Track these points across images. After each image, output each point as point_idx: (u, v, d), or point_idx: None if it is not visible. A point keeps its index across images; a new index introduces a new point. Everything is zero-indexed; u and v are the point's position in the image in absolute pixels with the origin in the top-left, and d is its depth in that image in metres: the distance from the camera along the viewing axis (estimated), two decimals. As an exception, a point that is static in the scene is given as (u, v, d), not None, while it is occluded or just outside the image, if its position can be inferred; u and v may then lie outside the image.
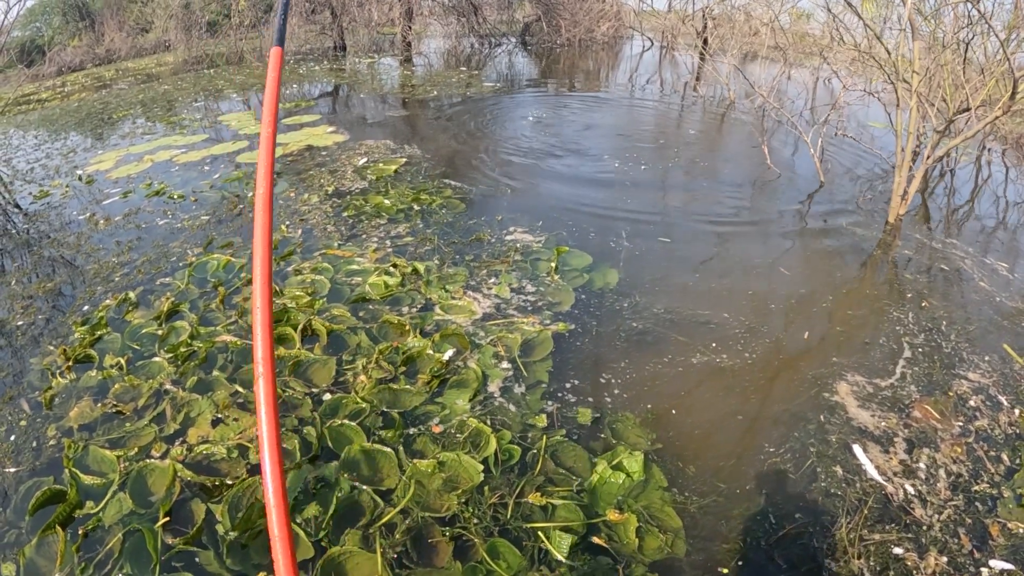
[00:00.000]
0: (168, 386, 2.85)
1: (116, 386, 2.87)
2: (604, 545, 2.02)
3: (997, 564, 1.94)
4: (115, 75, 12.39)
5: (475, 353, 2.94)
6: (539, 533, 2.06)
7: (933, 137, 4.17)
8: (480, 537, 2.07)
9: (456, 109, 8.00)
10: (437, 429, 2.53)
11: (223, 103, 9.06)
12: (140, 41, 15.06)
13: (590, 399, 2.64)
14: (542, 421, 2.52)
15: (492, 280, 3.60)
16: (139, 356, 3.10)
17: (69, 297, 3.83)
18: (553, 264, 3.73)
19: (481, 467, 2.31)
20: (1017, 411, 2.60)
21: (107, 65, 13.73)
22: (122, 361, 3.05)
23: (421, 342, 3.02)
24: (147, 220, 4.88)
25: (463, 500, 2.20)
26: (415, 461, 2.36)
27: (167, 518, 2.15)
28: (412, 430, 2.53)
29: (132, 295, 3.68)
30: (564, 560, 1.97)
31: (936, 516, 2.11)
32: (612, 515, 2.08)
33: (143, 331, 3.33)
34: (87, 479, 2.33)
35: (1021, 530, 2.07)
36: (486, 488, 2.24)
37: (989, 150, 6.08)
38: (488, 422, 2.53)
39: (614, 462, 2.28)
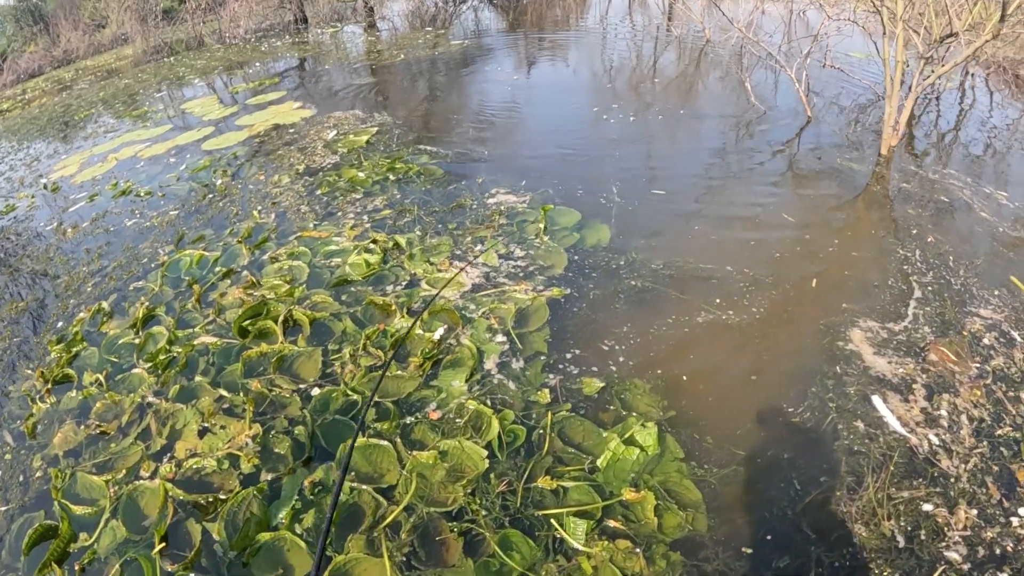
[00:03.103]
0: (150, 398, 2.55)
1: (97, 404, 2.58)
2: (622, 527, 1.75)
3: None
4: (75, 75, 11.21)
5: (467, 328, 2.59)
6: (552, 520, 1.77)
7: (920, 64, 3.68)
8: (490, 530, 1.80)
9: (424, 70, 7.27)
10: (435, 415, 2.20)
11: (186, 90, 8.20)
12: (97, 38, 13.61)
13: (594, 368, 2.31)
14: (545, 396, 2.21)
15: (478, 247, 3.19)
16: (118, 369, 2.79)
17: (44, 315, 3.44)
18: (541, 224, 3.31)
19: (485, 452, 2.02)
20: (1032, 345, 2.31)
21: (66, 66, 12.43)
22: (100, 377, 2.73)
23: (410, 322, 2.63)
24: (115, 223, 4.37)
25: (469, 490, 1.92)
26: (414, 453, 2.06)
27: (163, 543, 1.91)
28: (409, 419, 2.21)
29: (105, 305, 3.30)
30: (581, 547, 1.69)
31: (962, 466, 1.87)
32: (628, 494, 1.80)
33: (120, 342, 2.98)
34: (78, 509, 2.10)
35: (1050, 473, 1.83)
36: (492, 475, 1.95)
37: (972, 75, 5.55)
38: (488, 402, 2.21)
39: (626, 436, 1.98)
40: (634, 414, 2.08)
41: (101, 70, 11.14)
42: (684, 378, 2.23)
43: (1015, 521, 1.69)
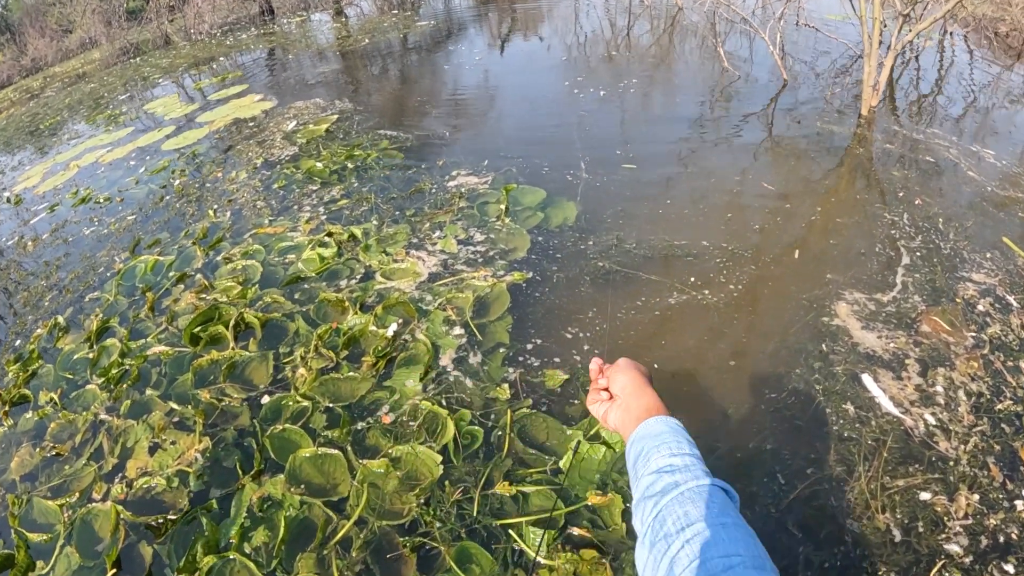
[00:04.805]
0: (103, 415, 2.36)
1: (52, 425, 2.39)
2: (587, 535, 1.53)
3: None
4: (43, 83, 10.67)
5: (423, 322, 2.34)
6: (511, 531, 1.56)
7: (898, 22, 3.38)
8: (445, 543, 1.58)
9: (390, 54, 6.89)
10: (387, 419, 1.97)
11: (150, 90, 7.75)
12: (65, 43, 12.93)
13: (556, 359, 2.06)
14: (505, 392, 1.97)
15: (437, 234, 2.91)
16: (73, 386, 2.58)
17: (2, 333, 3.21)
18: (503, 205, 3.02)
19: (439, 458, 1.79)
20: (1028, 310, 2.08)
21: (35, 75, 11.81)
22: (55, 396, 2.53)
23: (363, 318, 2.39)
24: (74, 232, 4.10)
25: (423, 500, 1.70)
26: (365, 462, 1.84)
27: (115, 569, 1.76)
28: (360, 424, 1.99)
29: (61, 319, 3.07)
30: (542, 560, 1.48)
31: (962, 447, 1.65)
32: (593, 498, 1.58)
33: (75, 357, 2.77)
34: (34, 537, 1.94)
35: (1056, 449, 1.61)
36: (447, 482, 1.72)
37: (951, 34, 5.21)
38: (443, 402, 1.97)
39: (591, 432, 1.74)
40: (601, 407, 1.85)
41: (69, 76, 10.59)
42: (656, 366, 1.98)
43: (1019, 504, 1.48)
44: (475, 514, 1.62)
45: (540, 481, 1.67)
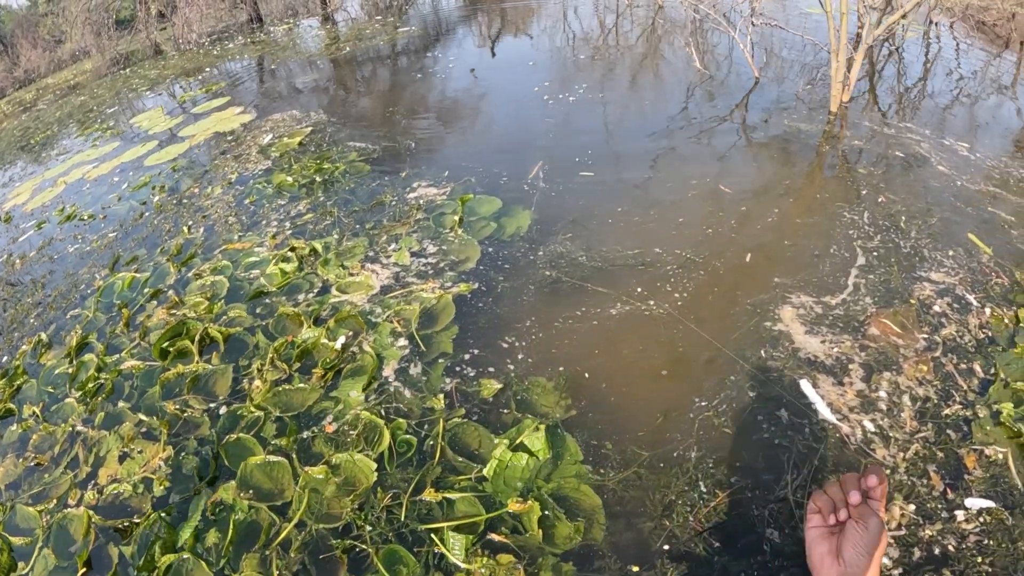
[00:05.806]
0: (80, 427, 2.59)
1: (34, 436, 2.64)
2: (506, 541, 1.66)
3: (974, 503, 1.54)
4: (36, 95, 11.20)
5: (371, 334, 2.50)
6: (433, 536, 1.70)
7: (871, 15, 3.43)
8: (374, 546, 1.73)
9: (370, 62, 7.11)
10: (330, 428, 2.14)
11: (137, 103, 8.15)
12: (57, 54, 13.50)
13: (491, 368, 2.20)
14: (441, 402, 2.12)
15: (392, 247, 3.08)
16: (54, 400, 2.83)
17: None
18: (457, 216, 3.18)
19: (374, 465, 1.96)
20: (988, 310, 2.12)
21: (28, 86, 12.36)
22: (37, 410, 2.78)
23: (316, 331, 2.57)
24: (59, 249, 4.37)
25: (357, 505, 1.86)
26: (307, 469, 2.01)
27: (86, 568, 1.98)
28: (307, 433, 2.17)
29: (44, 336, 3.32)
30: (461, 564, 1.62)
31: (901, 455, 1.69)
32: (513, 505, 1.71)
33: (56, 372, 3.02)
34: (16, 540, 2.17)
35: (1000, 456, 1.65)
36: (380, 488, 1.88)
37: (936, 24, 5.20)
38: (383, 412, 2.14)
39: (517, 441, 1.88)
40: (530, 416, 1.98)
41: (62, 87, 11.11)
42: (586, 375, 2.10)
43: (960, 515, 1.51)
44: (403, 519, 1.77)
45: (466, 488, 1.81)
